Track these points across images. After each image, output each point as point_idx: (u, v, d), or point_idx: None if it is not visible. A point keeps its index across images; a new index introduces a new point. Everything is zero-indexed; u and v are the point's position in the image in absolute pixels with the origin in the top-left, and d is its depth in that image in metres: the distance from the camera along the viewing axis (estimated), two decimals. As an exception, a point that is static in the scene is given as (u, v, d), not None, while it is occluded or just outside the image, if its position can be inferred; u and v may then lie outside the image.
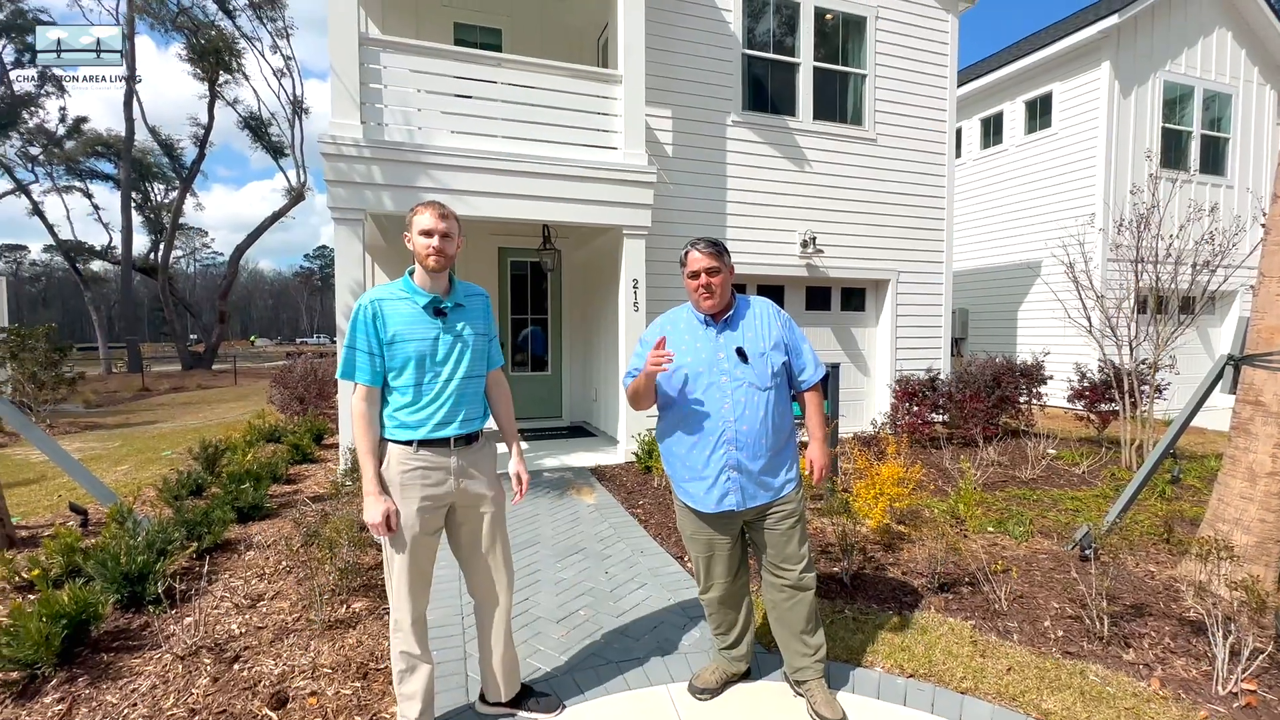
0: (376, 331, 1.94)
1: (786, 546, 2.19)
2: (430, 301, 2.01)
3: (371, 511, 1.90)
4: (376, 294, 1.99)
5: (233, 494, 4.21)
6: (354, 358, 1.95)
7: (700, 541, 2.26)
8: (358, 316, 1.95)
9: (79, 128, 28.11)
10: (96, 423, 12.25)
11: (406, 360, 1.95)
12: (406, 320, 1.97)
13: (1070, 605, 2.99)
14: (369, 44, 5.29)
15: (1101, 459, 6.30)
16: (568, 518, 4.49)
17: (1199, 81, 10.01)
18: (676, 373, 2.14)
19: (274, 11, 22.76)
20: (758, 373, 2.11)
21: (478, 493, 2.09)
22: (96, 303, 28.79)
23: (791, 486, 2.19)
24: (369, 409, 1.95)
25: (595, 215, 5.97)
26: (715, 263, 2.10)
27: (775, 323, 2.21)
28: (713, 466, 2.12)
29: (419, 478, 1.97)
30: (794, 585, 2.20)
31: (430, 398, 1.98)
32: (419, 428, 1.97)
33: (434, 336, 1.99)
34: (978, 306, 11.78)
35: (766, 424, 2.10)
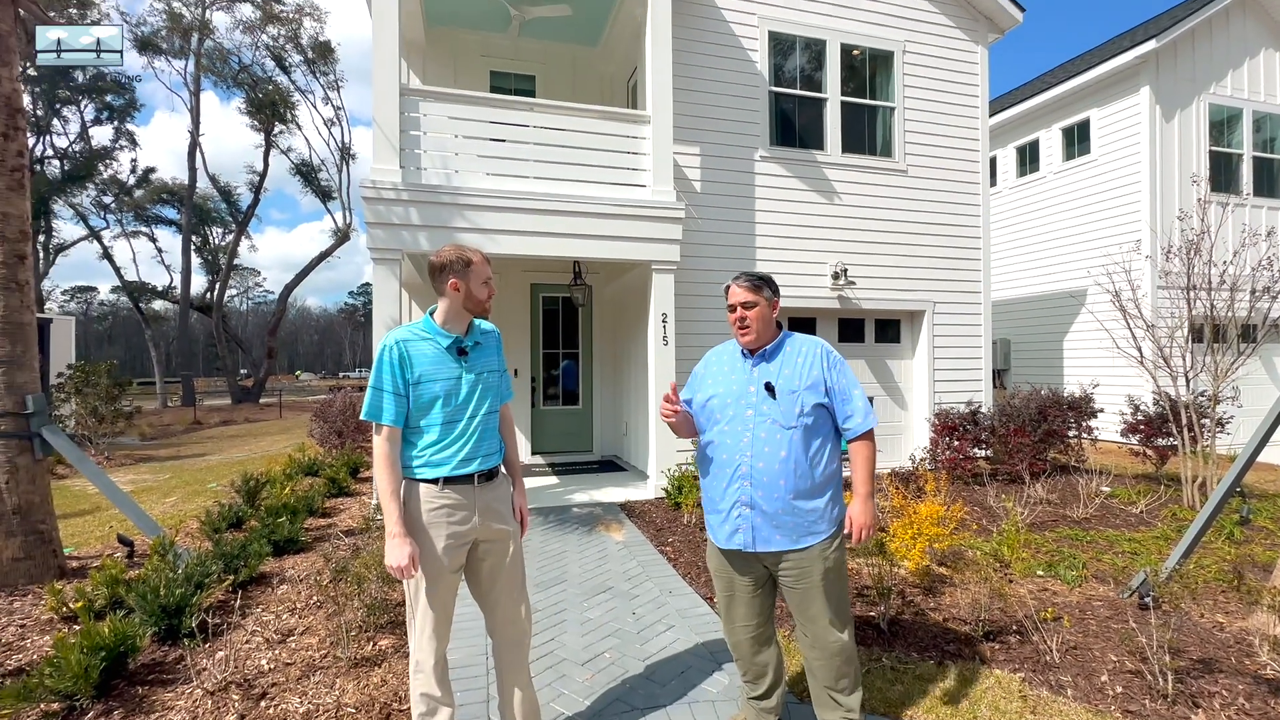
0: (402, 373, 1.98)
1: (807, 605, 2.05)
2: (453, 342, 2.04)
3: (396, 554, 1.90)
4: (400, 335, 2.02)
5: (269, 527, 4.30)
6: (380, 399, 1.98)
7: (722, 579, 2.20)
8: (383, 358, 1.99)
9: (148, 177, 30.13)
10: (150, 455, 12.78)
11: (433, 400, 1.99)
12: (431, 361, 2.00)
13: (1130, 658, 2.78)
14: (409, 94, 5.56)
15: (1161, 497, 5.93)
16: (596, 555, 4.43)
17: (1247, 103, 9.69)
18: (710, 402, 2.15)
19: (326, 66, 24.27)
20: (783, 409, 2.02)
21: (500, 528, 2.09)
22: (156, 340, 30.34)
23: (816, 540, 2.02)
24: (393, 450, 1.98)
25: (625, 251, 6.05)
26: (751, 296, 2.08)
27: (818, 363, 2.09)
28: (726, 500, 2.08)
29: (445, 515, 1.98)
30: (819, 646, 2.07)
31: (455, 435, 2.01)
32: (444, 465, 1.99)
33: (457, 376, 2.03)
34: (1020, 336, 11.40)
35: (787, 464, 1.99)
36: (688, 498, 5.07)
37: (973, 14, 7.94)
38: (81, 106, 25.11)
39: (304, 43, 23.68)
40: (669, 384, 2.08)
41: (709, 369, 2.25)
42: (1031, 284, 11.16)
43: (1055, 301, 10.64)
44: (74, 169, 25.13)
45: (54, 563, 3.93)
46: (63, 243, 28.90)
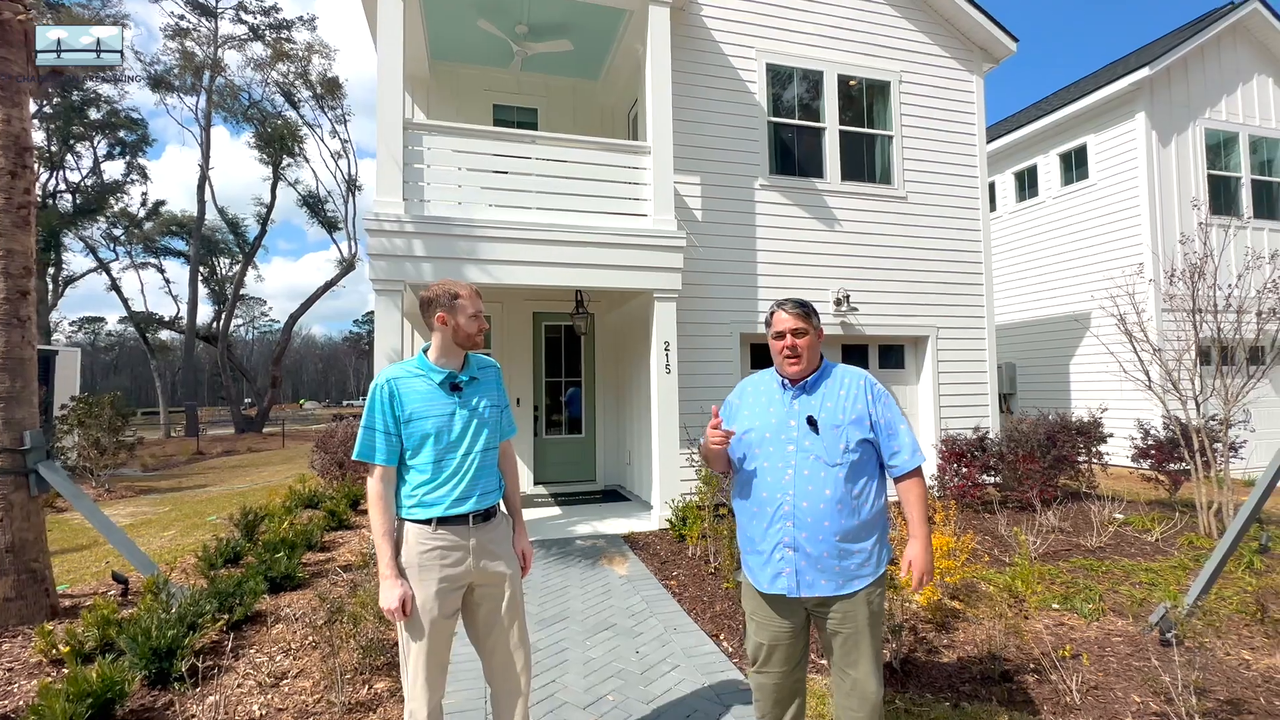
0: (393, 410, 1.95)
1: (849, 652, 1.94)
2: (446, 378, 2.01)
3: (388, 596, 1.86)
4: (392, 373, 2.00)
5: (266, 564, 4.22)
6: (372, 439, 1.94)
7: (758, 624, 2.08)
8: (375, 397, 1.96)
9: (158, 210, 30.63)
10: (152, 486, 12.70)
11: (424, 438, 1.95)
12: (423, 398, 1.97)
13: (1154, 699, 2.67)
14: (413, 128, 5.65)
15: (1176, 524, 5.80)
16: (598, 590, 4.33)
17: (1243, 127, 9.78)
18: (747, 435, 2.06)
19: (334, 101, 24.82)
20: (826, 445, 1.91)
21: (497, 571, 2.03)
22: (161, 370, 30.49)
23: (863, 584, 1.91)
24: (385, 490, 1.94)
25: (627, 280, 6.06)
26: (803, 324, 2.00)
27: (863, 395, 1.98)
28: (768, 541, 1.96)
29: (438, 558, 1.92)
30: (858, 694, 1.94)
31: (448, 474, 1.96)
32: (437, 505, 1.94)
33: (450, 412, 1.99)
34: (1025, 360, 11.34)
35: (832, 504, 1.87)
36: (692, 529, 4.98)
37: (967, 45, 8.08)
38: (95, 142, 25.68)
39: (313, 79, 24.27)
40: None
41: (744, 400, 2.16)
42: (1035, 308, 11.14)
43: (1059, 325, 10.61)
44: (85, 203, 25.58)
45: (46, 602, 3.85)
46: (71, 274, 29.27)
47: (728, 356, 6.93)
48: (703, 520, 4.90)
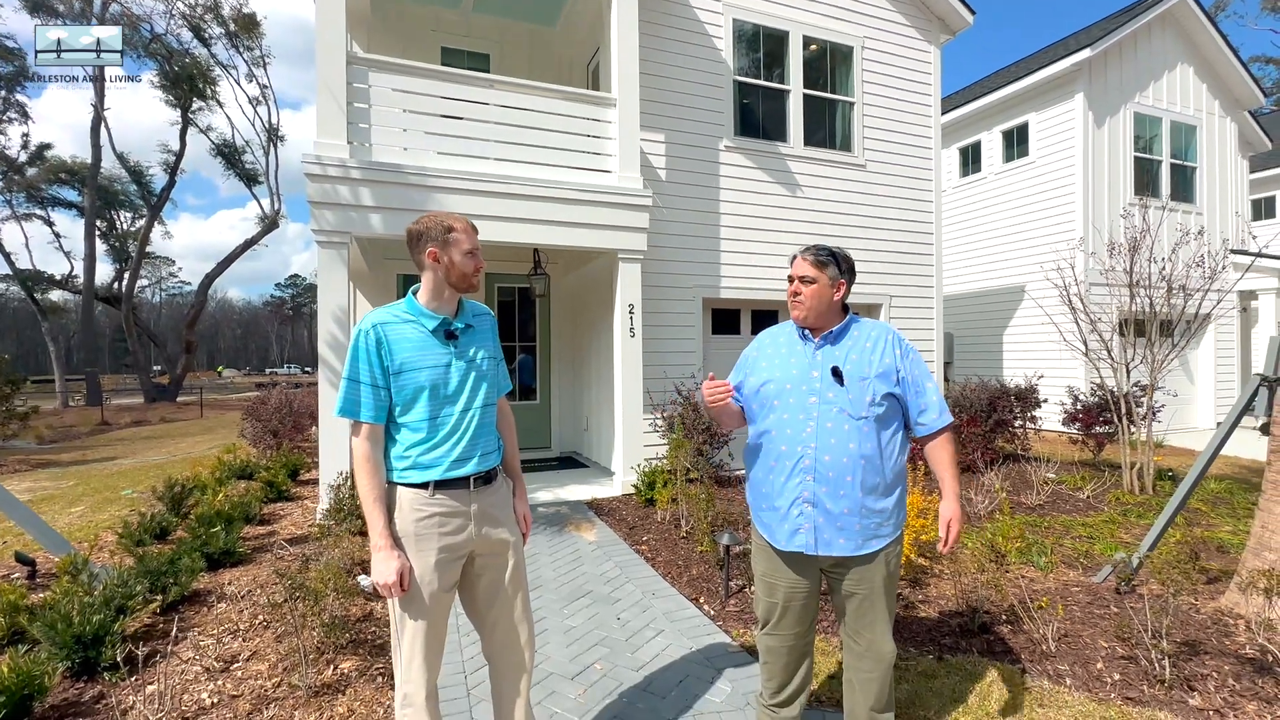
0: (381, 360, 1.71)
1: (865, 612, 1.89)
2: (440, 324, 1.78)
3: (384, 569, 1.63)
4: (378, 317, 1.75)
5: (202, 538, 3.84)
6: (356, 392, 1.70)
7: (770, 584, 1.99)
8: (358, 344, 1.71)
9: (42, 154, 27.34)
10: (50, 460, 11.54)
11: (418, 391, 1.72)
12: (415, 346, 1.74)
13: (1120, 645, 2.81)
14: (357, 63, 5.12)
15: (1104, 483, 6.22)
16: (569, 557, 4.20)
17: (1165, 113, 10.38)
18: (765, 387, 1.94)
19: (251, 40, 22.60)
20: (853, 398, 1.82)
21: (500, 538, 1.85)
22: (54, 333, 27.63)
23: (881, 544, 1.85)
24: (374, 450, 1.71)
25: (590, 239, 5.81)
26: (811, 271, 1.90)
27: (890, 349, 1.89)
28: (786, 496, 1.87)
29: (436, 525, 1.72)
30: (872, 655, 1.90)
31: (446, 432, 1.75)
32: (434, 467, 1.73)
33: (446, 363, 1.77)
34: (962, 331, 11.87)
35: (856, 459, 1.79)
36: (662, 494, 4.90)
37: (927, 15, 8.11)
38: (-40, 72, 22.48)
39: (225, 14, 21.96)
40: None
41: (762, 351, 2.04)
42: (974, 280, 11.62)
43: (996, 297, 11.11)
44: (-48, 142, 22.47)
45: (-65, 588, 3.35)
46: (-62, 224, 25.86)
47: (689, 321, 6.83)
48: (672, 484, 4.83)
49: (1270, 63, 30.86)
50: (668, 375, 6.53)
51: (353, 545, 3.71)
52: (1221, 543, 4.47)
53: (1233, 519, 5.28)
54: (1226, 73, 10.81)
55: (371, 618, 3.14)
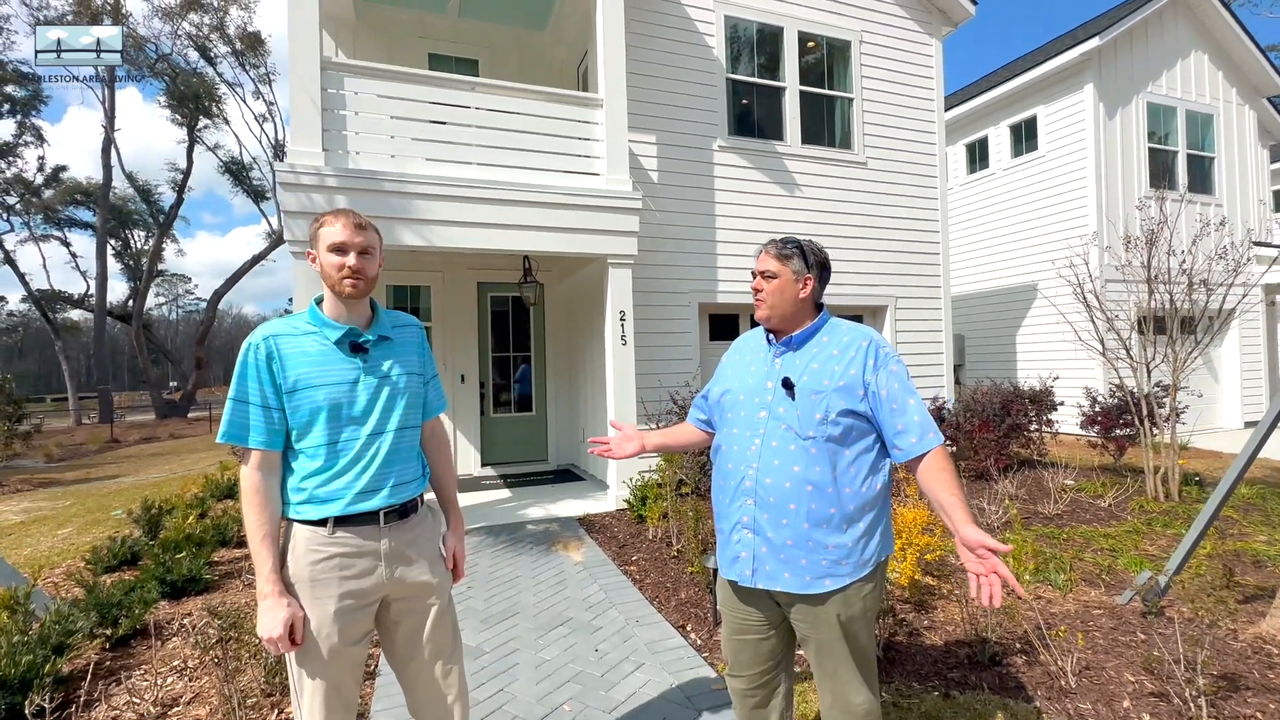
0: (273, 377, 1.49)
1: (823, 660, 1.62)
2: (345, 335, 1.56)
3: (269, 620, 1.40)
4: (272, 329, 1.54)
5: (165, 565, 3.65)
6: (244, 414, 1.48)
7: (726, 615, 1.78)
8: (246, 359, 1.49)
9: (57, 176, 27.78)
10: (54, 479, 11.51)
11: (315, 413, 1.50)
12: (314, 361, 1.52)
13: (1149, 678, 2.51)
14: (332, 68, 4.97)
15: (1127, 490, 5.88)
16: (552, 580, 3.97)
17: (1180, 102, 10.01)
18: (724, 396, 1.76)
19: (256, 58, 22.86)
20: (800, 414, 1.57)
21: (418, 580, 1.61)
22: (67, 352, 27.97)
23: (837, 584, 1.55)
24: (265, 481, 1.48)
25: (579, 244, 5.60)
26: (772, 265, 1.67)
27: (860, 359, 1.59)
28: (728, 519, 1.67)
29: (336, 568, 1.49)
30: (839, 706, 1.64)
31: (349, 459, 1.52)
32: (333, 500, 1.50)
33: (352, 380, 1.55)
34: (973, 332, 11.51)
35: (800, 485, 1.54)
36: (652, 509, 4.66)
37: (927, 6, 7.86)
38: (-23, 98, 22.90)
39: (230, 33, 22.22)
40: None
41: (731, 358, 1.85)
42: (983, 280, 11.27)
43: (1007, 296, 10.76)
44: (-32, 166, 22.88)
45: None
46: (-43, 247, 26.30)
47: (686, 328, 6.60)
48: (664, 499, 4.58)
49: (1287, 51, 30.12)
50: (663, 384, 6.29)
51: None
52: (1257, 555, 4.14)
53: (1267, 527, 4.93)
54: (1243, 59, 10.42)
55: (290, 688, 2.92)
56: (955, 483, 1.52)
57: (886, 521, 1.65)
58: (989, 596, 1.39)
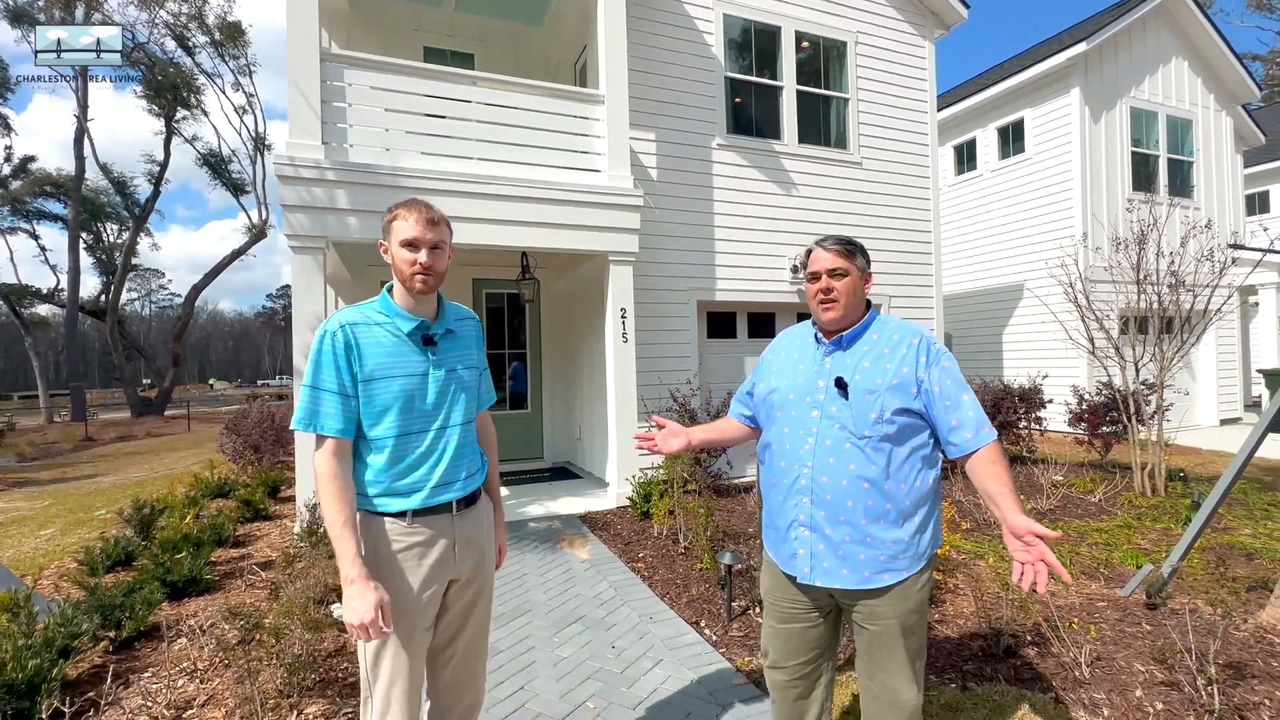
0: (350, 365, 1.49)
1: (875, 652, 1.64)
2: (417, 327, 1.57)
3: (359, 605, 1.38)
4: (347, 317, 1.54)
5: (164, 565, 3.57)
6: (318, 401, 1.48)
7: (772, 604, 1.78)
8: (323, 347, 1.49)
9: (26, 167, 26.97)
10: (29, 478, 11.18)
11: (389, 404, 1.51)
12: (388, 351, 1.53)
13: (1159, 668, 2.58)
14: (331, 59, 4.89)
15: (1115, 486, 6.02)
16: (560, 577, 3.95)
17: (1161, 107, 10.26)
18: (771, 396, 1.75)
19: (236, 49, 22.36)
20: (855, 413, 1.57)
21: (477, 566, 1.67)
22: (38, 348, 27.17)
23: (896, 577, 1.57)
24: (341, 468, 1.48)
25: (579, 241, 5.58)
26: (842, 263, 1.64)
27: (914, 356, 1.59)
28: (784, 517, 1.68)
29: (416, 557, 1.52)
30: (886, 701, 1.65)
31: (423, 452, 1.55)
32: (413, 493, 1.52)
33: (423, 373, 1.56)
34: (960, 332, 11.69)
35: (857, 483, 1.55)
36: (658, 506, 4.66)
37: (920, 8, 7.95)
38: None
39: (210, 23, 21.70)
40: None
41: (775, 355, 1.83)
42: (971, 280, 11.45)
43: (993, 296, 10.95)
44: (-68, 155, 22.09)
45: None
46: (-80, 239, 25.42)
47: (684, 325, 6.61)
48: (669, 497, 4.59)
49: (1258, 59, 31.06)
50: (663, 381, 6.30)
51: (327, 570, 3.45)
52: (1245, 548, 4.26)
53: (1251, 521, 5.08)
54: (1220, 65, 10.71)
55: (343, 652, 2.88)
56: (1007, 474, 1.54)
57: (938, 515, 1.67)
58: (1031, 583, 1.41)
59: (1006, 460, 1.57)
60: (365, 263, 7.12)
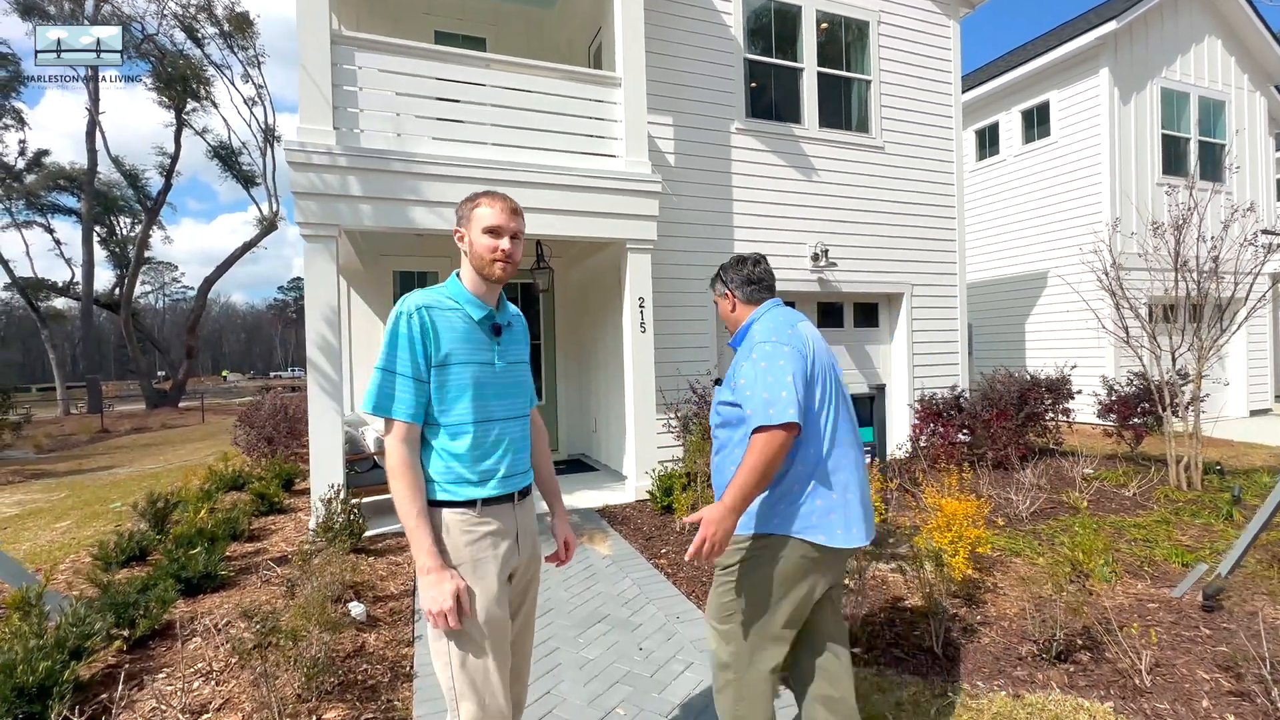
0: (426, 349, 1.46)
1: None
2: (486, 315, 1.55)
3: (436, 593, 1.38)
4: (422, 300, 1.50)
5: (179, 561, 3.49)
6: (393, 385, 1.45)
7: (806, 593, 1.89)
8: (399, 329, 1.46)
9: (40, 161, 27.09)
10: (45, 470, 11.25)
11: (462, 390, 1.49)
12: (461, 337, 1.51)
13: (1225, 676, 2.43)
14: (343, 42, 4.75)
15: (1149, 479, 5.82)
16: (581, 574, 3.84)
17: (1193, 88, 9.92)
18: None
19: (245, 40, 22.26)
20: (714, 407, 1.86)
21: (534, 555, 1.68)
22: (54, 341, 27.44)
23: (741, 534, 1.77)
24: (413, 455, 1.46)
25: (597, 228, 5.43)
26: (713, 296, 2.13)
27: (742, 351, 1.82)
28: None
29: (490, 546, 1.49)
30: None
31: (493, 442, 1.53)
32: (485, 482, 1.50)
33: (491, 361, 1.54)
34: (981, 321, 11.44)
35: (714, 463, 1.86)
36: (680, 500, 4.54)
37: (945, -14, 7.69)
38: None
39: (218, 13, 21.61)
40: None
41: None
42: (992, 268, 11.19)
43: (1016, 285, 10.69)
44: (-53, 150, 22.24)
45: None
46: (-63, 233, 25.65)
47: (703, 315, 6.45)
48: (693, 490, 4.46)
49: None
50: (681, 373, 6.16)
51: (344, 567, 3.36)
52: (1295, 545, 4.07)
53: (1298, 517, 4.87)
54: (1256, 44, 10.33)
55: (362, 653, 2.79)
56: (745, 467, 1.60)
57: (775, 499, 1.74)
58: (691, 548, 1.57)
59: (755, 453, 1.59)
60: (379, 253, 7.01)
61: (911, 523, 4.45)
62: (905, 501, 5.13)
